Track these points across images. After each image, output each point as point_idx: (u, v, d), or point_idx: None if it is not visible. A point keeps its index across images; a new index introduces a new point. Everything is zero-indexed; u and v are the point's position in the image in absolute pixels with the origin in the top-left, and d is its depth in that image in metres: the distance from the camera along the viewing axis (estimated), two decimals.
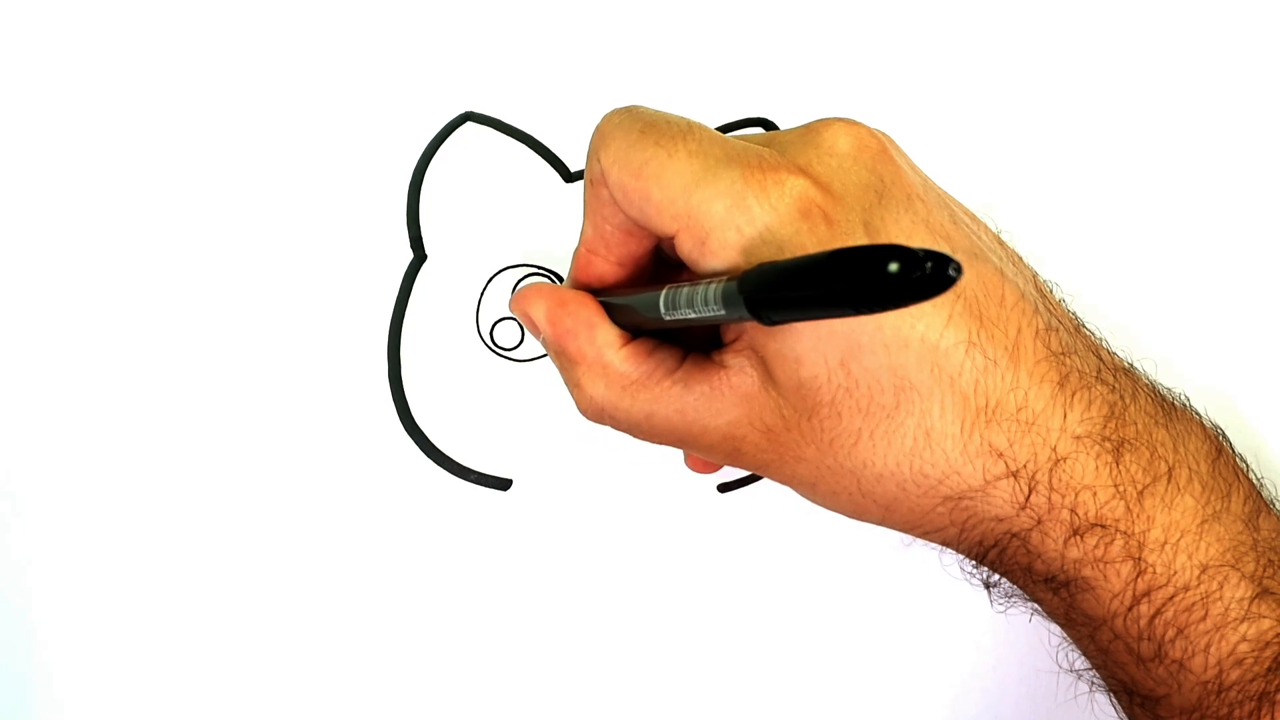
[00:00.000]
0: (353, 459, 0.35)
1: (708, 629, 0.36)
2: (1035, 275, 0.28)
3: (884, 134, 0.27)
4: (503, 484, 0.35)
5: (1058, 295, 0.28)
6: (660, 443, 0.28)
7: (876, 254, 0.17)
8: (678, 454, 0.36)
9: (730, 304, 0.21)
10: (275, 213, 0.34)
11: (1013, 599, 0.29)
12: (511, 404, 0.35)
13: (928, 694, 0.37)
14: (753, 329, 0.25)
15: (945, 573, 0.37)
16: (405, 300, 0.35)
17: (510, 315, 0.35)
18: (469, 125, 0.35)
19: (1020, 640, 0.37)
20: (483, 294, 0.35)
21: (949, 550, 0.28)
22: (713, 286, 0.22)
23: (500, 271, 0.35)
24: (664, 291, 0.24)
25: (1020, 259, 0.28)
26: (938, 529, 0.27)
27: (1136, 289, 0.37)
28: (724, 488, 0.36)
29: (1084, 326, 0.28)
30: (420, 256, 0.35)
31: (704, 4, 0.36)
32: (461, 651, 0.35)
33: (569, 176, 0.36)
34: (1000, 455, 0.24)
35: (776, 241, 0.23)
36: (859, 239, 0.23)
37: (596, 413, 0.28)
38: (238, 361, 0.34)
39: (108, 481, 0.34)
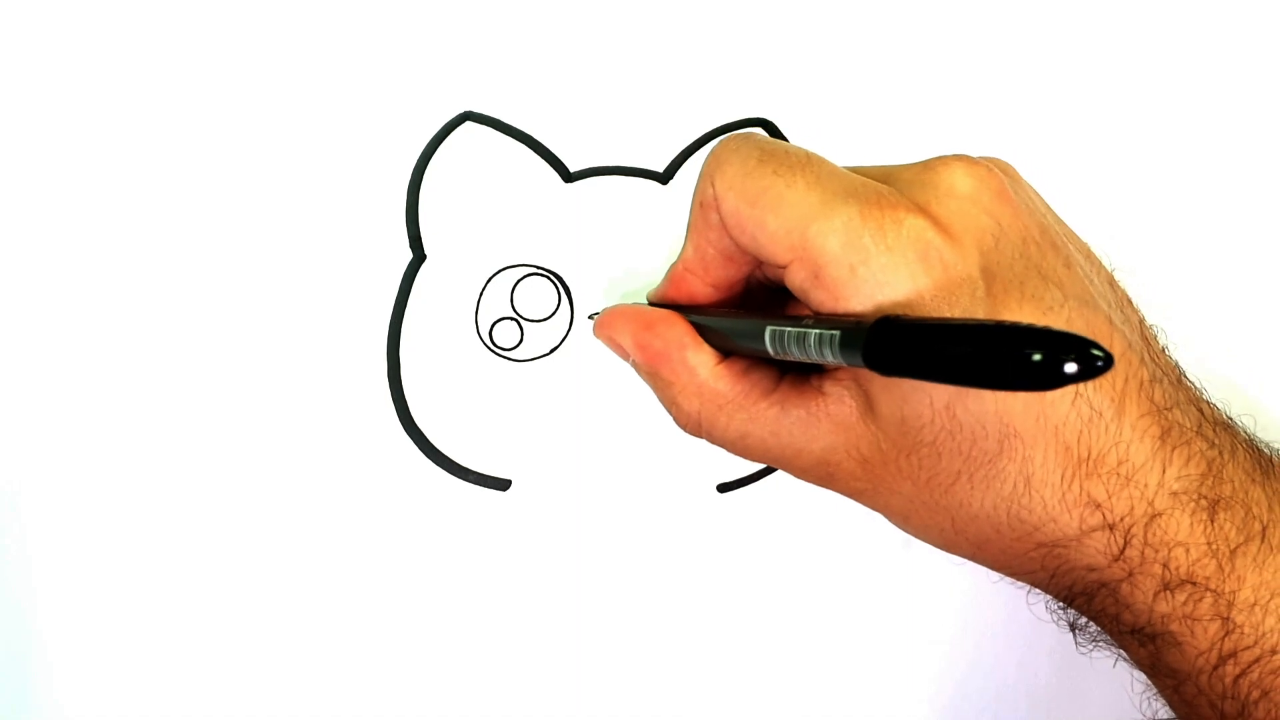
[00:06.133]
0: (352, 459, 0.35)
1: (707, 629, 0.36)
2: (1142, 320, 0.28)
3: (1005, 168, 0.27)
4: (502, 484, 0.35)
5: (1161, 341, 0.28)
6: (754, 460, 0.28)
7: (1016, 336, 0.16)
8: (677, 454, 0.36)
9: (848, 355, 0.21)
10: (274, 213, 0.34)
11: (1097, 643, 0.29)
12: (511, 404, 0.35)
13: (928, 694, 0.37)
14: None
15: (945, 573, 0.37)
16: (404, 300, 0.35)
17: (509, 315, 0.35)
18: (468, 125, 0.35)
19: (1020, 640, 0.37)
20: (482, 294, 0.35)
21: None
22: (828, 335, 0.22)
23: (500, 271, 0.35)
24: (769, 331, 0.24)
25: (1129, 303, 0.28)
26: (1028, 572, 0.27)
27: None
28: (724, 488, 0.36)
29: (1185, 377, 0.28)
30: (419, 256, 0.35)
31: (704, 4, 0.36)
32: (461, 651, 0.35)
33: (568, 176, 0.36)
34: (1098, 507, 0.25)
35: (893, 284, 0.23)
36: (976, 286, 0.23)
37: (694, 428, 0.28)
38: (237, 361, 0.34)
39: (108, 482, 0.34)
